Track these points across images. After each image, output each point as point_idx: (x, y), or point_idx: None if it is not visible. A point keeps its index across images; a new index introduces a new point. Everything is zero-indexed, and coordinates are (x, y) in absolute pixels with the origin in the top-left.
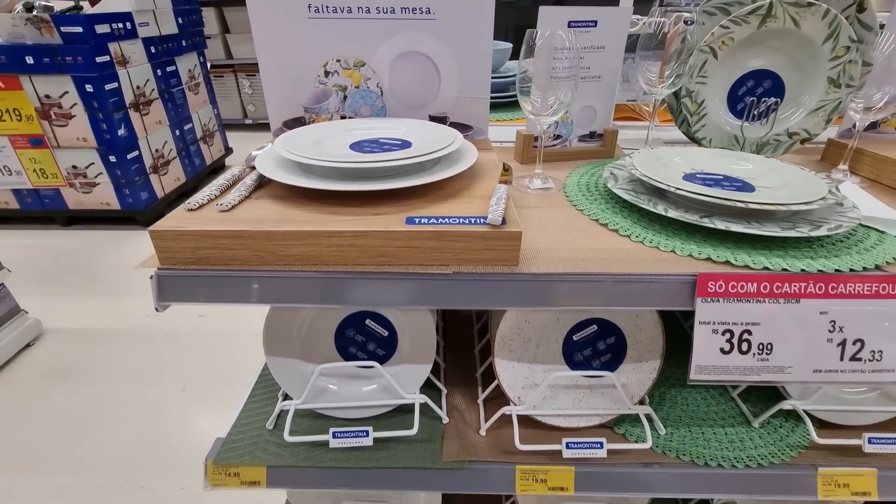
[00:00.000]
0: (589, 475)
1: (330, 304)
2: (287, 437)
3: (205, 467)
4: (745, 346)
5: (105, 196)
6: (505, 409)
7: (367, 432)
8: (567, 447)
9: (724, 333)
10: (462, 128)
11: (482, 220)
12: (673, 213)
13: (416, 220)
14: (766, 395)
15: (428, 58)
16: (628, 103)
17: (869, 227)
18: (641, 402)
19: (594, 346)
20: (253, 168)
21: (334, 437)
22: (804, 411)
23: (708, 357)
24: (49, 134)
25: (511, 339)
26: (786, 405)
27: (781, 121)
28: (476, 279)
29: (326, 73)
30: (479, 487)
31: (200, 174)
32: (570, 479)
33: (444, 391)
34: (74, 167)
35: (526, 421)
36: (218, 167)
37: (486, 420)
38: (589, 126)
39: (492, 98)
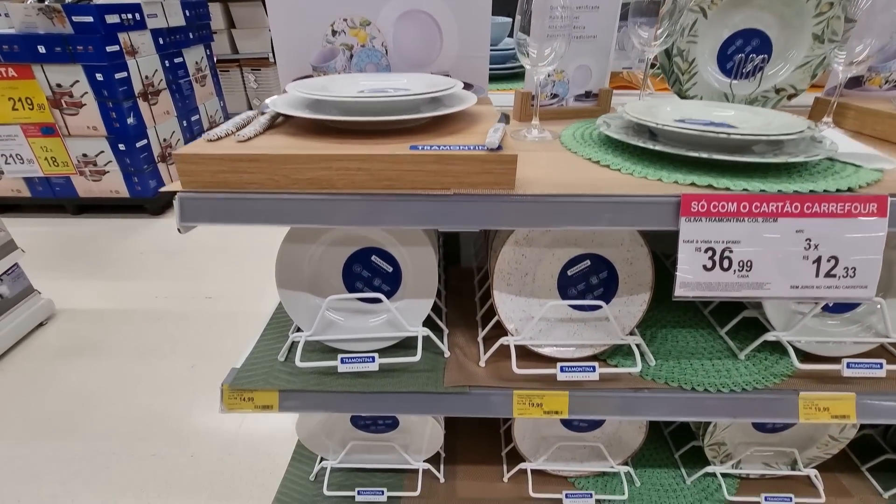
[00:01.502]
0: (582, 399)
1: (338, 224)
2: (298, 363)
3: (221, 392)
4: (726, 264)
5: (114, 184)
6: (503, 340)
7: (373, 358)
8: (561, 371)
9: (706, 251)
10: (463, 85)
11: (480, 147)
12: (660, 147)
13: (420, 146)
14: (752, 332)
15: (430, 16)
16: (624, 71)
17: (846, 162)
18: (632, 334)
19: (587, 281)
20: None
21: (342, 362)
22: (787, 342)
23: (691, 274)
24: (60, 122)
25: (509, 274)
26: (770, 336)
27: (769, 77)
28: (475, 200)
29: (333, 33)
30: (479, 411)
31: None
32: (565, 404)
33: (446, 331)
34: (85, 155)
35: (524, 355)
36: None
37: (485, 354)
38: (584, 86)
39: (492, 70)
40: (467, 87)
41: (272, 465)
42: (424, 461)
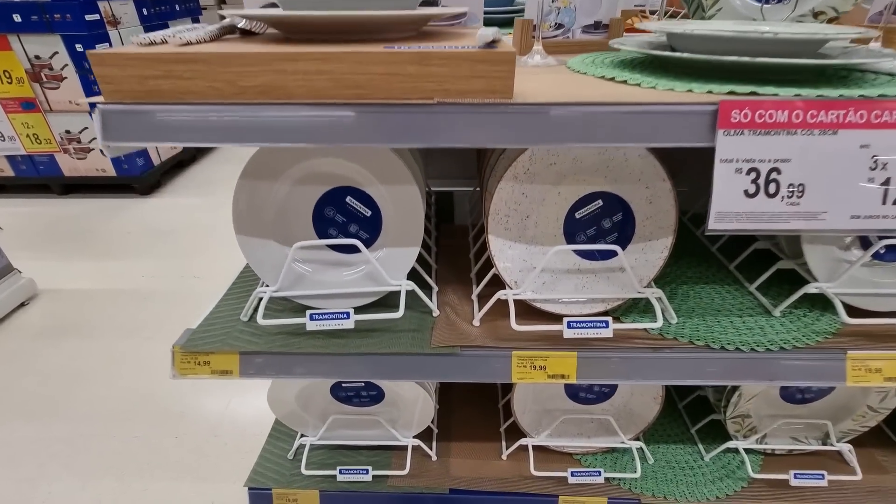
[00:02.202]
0: (592, 361)
1: (294, 143)
2: (260, 321)
3: (172, 355)
4: (772, 188)
5: (100, 162)
6: (500, 293)
7: (347, 314)
8: (569, 327)
9: (748, 173)
10: (456, 14)
11: (470, 46)
12: (689, 55)
13: (396, 46)
14: (785, 288)
15: None
16: (636, 8)
17: None
18: (649, 287)
19: (599, 225)
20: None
21: (311, 319)
22: (833, 294)
23: (730, 201)
24: (41, 97)
25: (507, 215)
26: (811, 288)
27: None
28: (463, 112)
29: None
30: (472, 375)
31: None
32: (572, 366)
33: (436, 288)
34: (68, 132)
35: (524, 312)
36: None
37: (480, 311)
38: (593, 14)
39: (492, 13)
40: (460, 14)
41: (259, 447)
42: (414, 437)
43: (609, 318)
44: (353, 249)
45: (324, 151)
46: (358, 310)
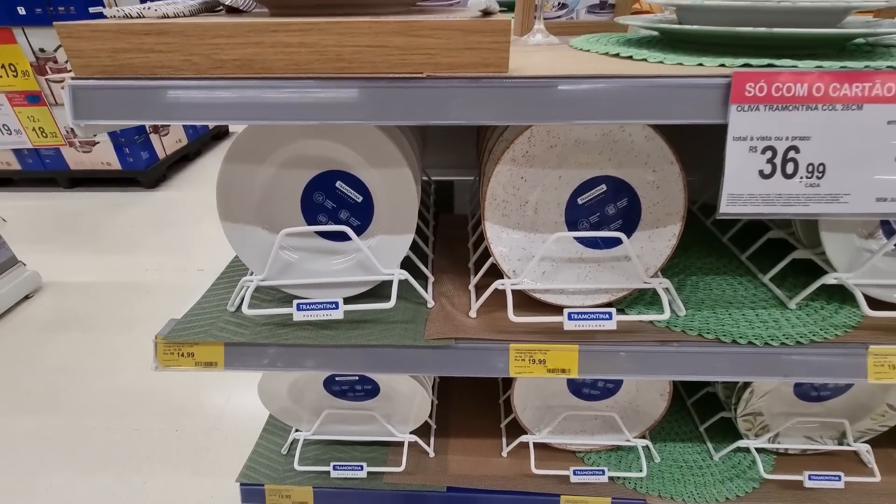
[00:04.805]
0: (594, 354)
1: (274, 121)
2: (245, 311)
3: (154, 346)
4: (790, 168)
5: (105, 156)
6: (497, 283)
7: (336, 304)
8: (570, 318)
9: (764, 151)
10: None
11: (467, 17)
12: (700, 28)
13: (381, 17)
14: (801, 279)
15: None
16: None
17: None
18: (656, 277)
19: (602, 211)
20: None
21: (299, 309)
22: (854, 285)
23: (743, 183)
24: (46, 90)
25: (505, 201)
26: (830, 279)
27: None
28: (455, 86)
29: None
30: (468, 369)
31: (203, 137)
32: (574, 360)
33: (431, 279)
34: None
35: (524, 304)
36: (221, 132)
37: (477, 302)
38: None
39: None
40: None
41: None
42: (411, 433)
43: (613, 310)
44: (343, 237)
45: (312, 132)
46: (348, 300)
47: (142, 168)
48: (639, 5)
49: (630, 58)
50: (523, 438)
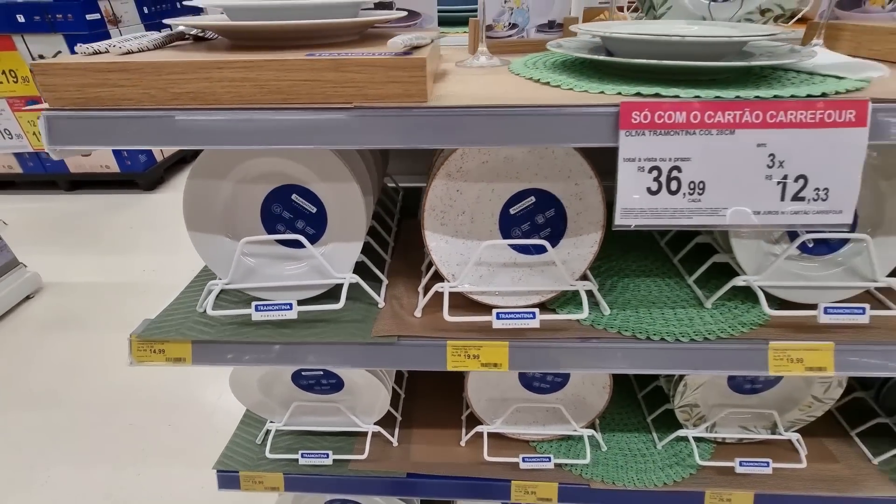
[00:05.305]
0: (523, 350)
1: (222, 146)
2: (210, 312)
3: (129, 343)
4: (674, 185)
5: (104, 159)
6: (437, 286)
7: (290, 305)
8: (497, 318)
9: (651, 171)
10: (410, 14)
11: (386, 54)
12: (600, 57)
13: (316, 53)
14: (725, 281)
15: None
16: (601, 6)
17: (828, 74)
18: (585, 279)
19: (532, 220)
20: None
21: (257, 310)
22: (759, 287)
23: (634, 198)
24: None
25: (443, 211)
26: (739, 281)
27: None
28: (379, 115)
29: None
30: (409, 363)
31: None
32: (504, 355)
33: (385, 281)
34: None
35: (468, 305)
36: None
37: (421, 303)
38: (547, 14)
39: (453, 12)
40: (415, 15)
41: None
42: (377, 424)
43: (536, 310)
44: (300, 244)
45: (268, 151)
46: (304, 301)
47: (140, 171)
48: (603, 16)
49: (548, 84)
50: (478, 429)
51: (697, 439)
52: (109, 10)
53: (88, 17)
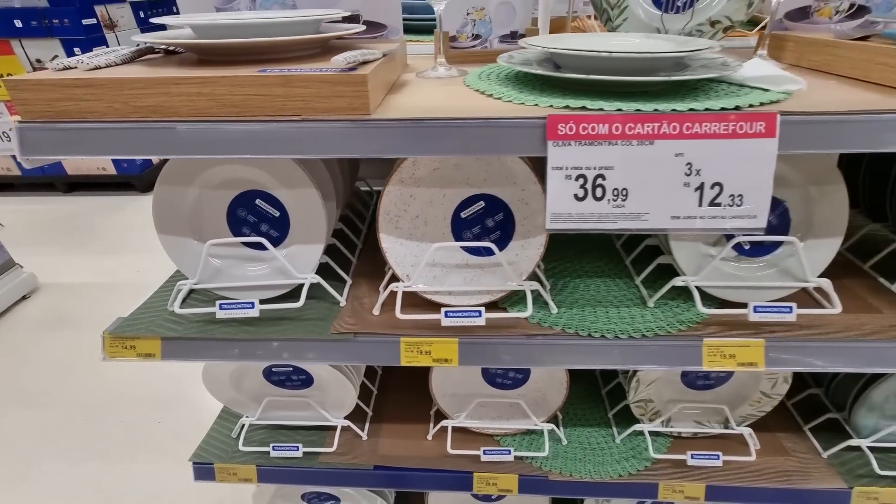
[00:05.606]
0: (472, 346)
1: (181, 156)
2: (177, 310)
3: (102, 340)
4: (599, 192)
5: (101, 161)
6: (392, 286)
7: (252, 304)
8: (446, 316)
9: (577, 179)
10: (376, 27)
11: (331, 70)
12: (532, 69)
13: (268, 70)
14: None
15: None
16: (567, 16)
17: (755, 87)
18: (534, 279)
19: (483, 224)
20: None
21: (221, 308)
22: (695, 287)
23: (562, 204)
24: None
25: (397, 216)
26: (678, 281)
27: (702, 9)
28: (324, 128)
29: None
30: (365, 359)
31: None
32: (454, 351)
33: (350, 282)
34: None
35: (423, 304)
36: None
37: (383, 304)
38: (508, 25)
39: (420, 21)
40: (380, 27)
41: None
42: (347, 419)
43: (482, 308)
44: (264, 246)
45: (231, 159)
46: (267, 301)
47: (136, 173)
48: (578, 23)
49: (491, 95)
50: (443, 423)
51: (654, 434)
52: (106, 15)
53: (85, 21)
